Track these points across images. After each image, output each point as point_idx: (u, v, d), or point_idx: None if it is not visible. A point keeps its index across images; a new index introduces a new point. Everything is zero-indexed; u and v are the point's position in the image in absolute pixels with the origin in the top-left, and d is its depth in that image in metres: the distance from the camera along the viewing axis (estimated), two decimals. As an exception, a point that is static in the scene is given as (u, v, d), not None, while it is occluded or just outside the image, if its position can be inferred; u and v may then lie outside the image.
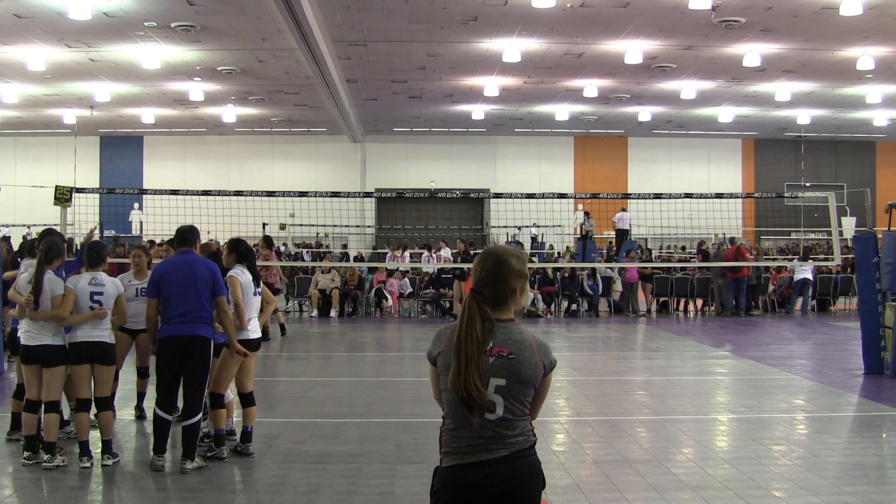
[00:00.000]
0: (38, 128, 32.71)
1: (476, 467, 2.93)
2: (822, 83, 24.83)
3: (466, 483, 2.94)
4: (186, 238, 6.63)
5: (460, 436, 2.96)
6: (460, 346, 2.90)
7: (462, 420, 2.95)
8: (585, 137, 36.32)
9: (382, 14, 17.84)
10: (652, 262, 20.94)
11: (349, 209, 28.34)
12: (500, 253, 3.07)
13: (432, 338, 3.10)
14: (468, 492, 2.95)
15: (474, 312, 2.95)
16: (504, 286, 3.02)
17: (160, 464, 6.27)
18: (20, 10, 16.83)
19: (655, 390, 10.10)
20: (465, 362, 2.88)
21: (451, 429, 3.00)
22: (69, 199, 13.98)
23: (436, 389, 3.12)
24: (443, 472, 3.01)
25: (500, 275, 3.02)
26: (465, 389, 2.87)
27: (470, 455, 2.94)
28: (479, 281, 3.03)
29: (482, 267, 3.05)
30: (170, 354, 6.32)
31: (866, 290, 11.23)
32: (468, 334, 2.91)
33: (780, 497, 5.74)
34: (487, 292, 3.00)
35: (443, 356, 3.00)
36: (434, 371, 3.08)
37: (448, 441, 3.00)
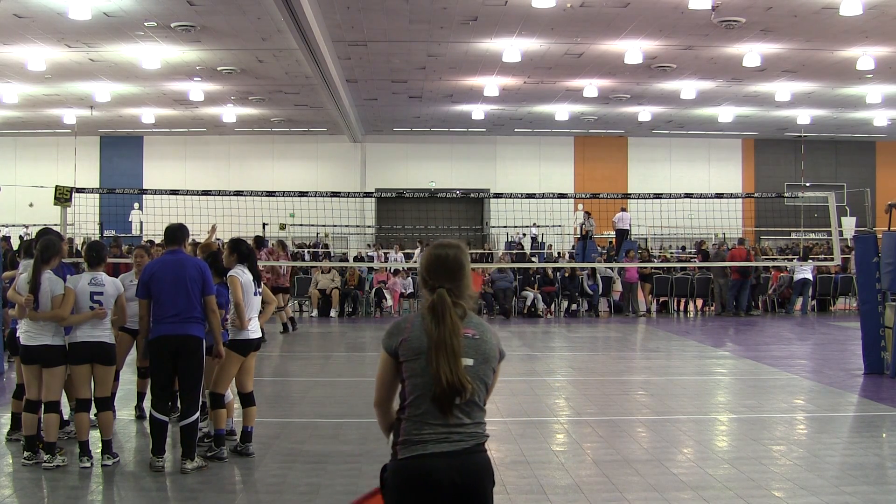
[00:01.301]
0: (38, 128, 32.69)
1: (440, 458, 2.95)
2: (822, 83, 24.83)
3: (430, 474, 2.94)
4: (176, 237, 6.59)
5: (425, 423, 2.97)
6: (439, 336, 2.95)
7: (430, 408, 2.96)
8: (585, 137, 36.31)
9: (382, 14, 17.84)
10: (651, 262, 20.94)
11: (349, 209, 28.34)
12: (454, 245, 3.18)
13: (388, 329, 3.11)
14: (430, 484, 2.94)
15: (448, 304, 3.01)
16: (464, 277, 3.12)
17: (160, 465, 6.26)
18: (20, 10, 16.82)
19: (655, 390, 10.10)
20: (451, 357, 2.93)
21: (415, 417, 2.99)
22: (69, 199, 13.98)
23: (386, 378, 3.10)
24: (402, 463, 2.97)
25: (458, 266, 3.12)
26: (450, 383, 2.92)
27: (433, 445, 2.95)
28: (441, 275, 3.09)
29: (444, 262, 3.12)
30: (163, 355, 6.30)
31: (866, 290, 11.23)
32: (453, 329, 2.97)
33: (780, 497, 5.74)
34: (451, 286, 3.08)
35: (408, 343, 3.01)
36: (388, 361, 3.07)
37: (409, 430, 2.98)
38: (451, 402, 2.97)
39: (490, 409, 9.74)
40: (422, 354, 2.98)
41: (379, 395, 3.14)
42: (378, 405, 3.15)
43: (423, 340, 3.00)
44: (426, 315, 3.02)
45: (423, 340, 3.00)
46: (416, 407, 2.99)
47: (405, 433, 2.99)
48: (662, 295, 20.09)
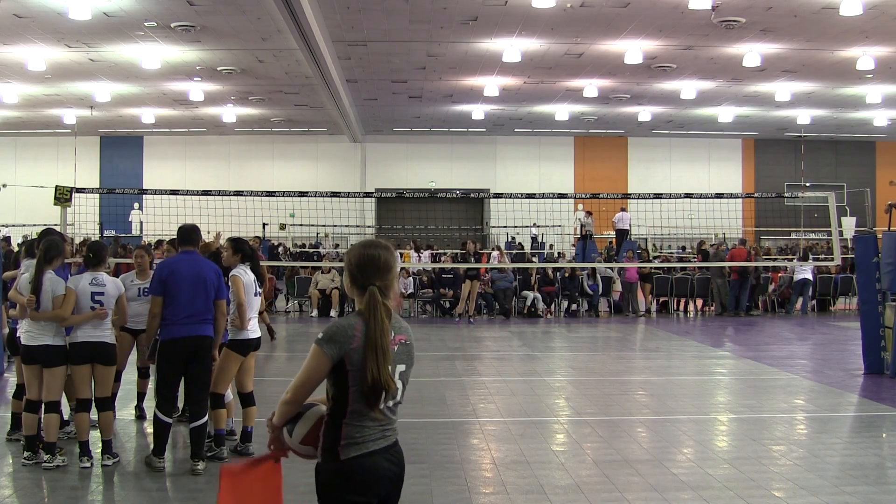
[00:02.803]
0: (38, 128, 32.70)
1: (381, 454, 3.10)
2: (822, 83, 24.83)
3: (374, 471, 3.08)
4: (191, 238, 6.58)
5: (366, 425, 3.07)
6: (377, 340, 3.01)
7: (367, 410, 3.05)
8: (585, 137, 36.32)
9: (382, 14, 17.84)
10: (651, 262, 20.95)
11: (349, 209, 28.31)
12: (383, 246, 3.21)
13: (330, 333, 3.06)
14: (375, 479, 3.08)
15: (380, 301, 3.08)
16: (391, 277, 3.17)
17: (161, 466, 6.25)
18: (20, 10, 16.83)
19: (655, 390, 10.10)
20: (383, 355, 3.01)
21: (357, 419, 3.06)
22: (69, 199, 13.98)
23: (316, 380, 3.09)
24: (347, 463, 3.04)
25: (388, 267, 3.17)
26: (383, 380, 3.00)
27: (372, 443, 3.08)
28: (371, 275, 3.12)
29: (375, 261, 3.15)
30: (177, 356, 6.27)
31: (866, 290, 11.23)
32: (382, 328, 3.04)
33: (780, 497, 5.74)
34: (381, 285, 3.12)
35: (357, 352, 3.03)
36: (326, 365, 3.04)
37: (351, 432, 3.05)
38: (379, 400, 3.04)
39: (490, 409, 9.76)
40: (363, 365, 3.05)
41: (300, 395, 3.12)
42: (293, 404, 3.14)
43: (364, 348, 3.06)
44: (368, 317, 3.05)
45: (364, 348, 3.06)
46: (363, 411, 3.06)
47: (346, 436, 3.05)
48: (662, 295, 20.08)
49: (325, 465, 3.07)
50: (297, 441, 3.15)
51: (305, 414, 3.15)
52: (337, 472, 3.05)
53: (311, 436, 3.13)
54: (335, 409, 3.08)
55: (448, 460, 6.69)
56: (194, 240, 6.61)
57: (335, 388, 3.07)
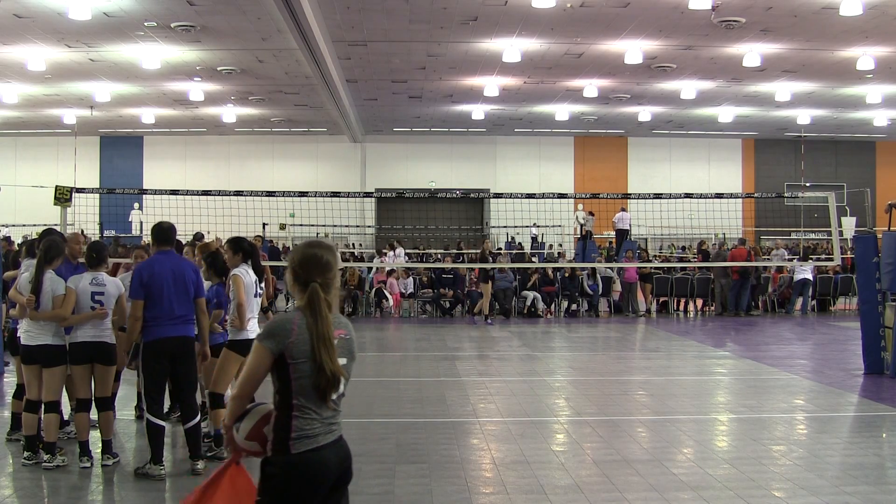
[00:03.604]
0: (38, 128, 32.70)
1: (328, 448, 3.18)
2: (822, 83, 24.83)
3: (324, 464, 3.17)
4: (169, 237, 6.50)
5: (314, 419, 3.15)
6: (322, 332, 3.15)
7: (315, 404, 3.15)
8: (585, 137, 36.32)
9: (382, 14, 17.84)
10: (651, 262, 20.94)
11: (349, 209, 28.33)
12: (325, 246, 3.36)
13: (269, 329, 3.18)
14: (324, 473, 3.17)
15: (322, 297, 3.21)
16: (331, 275, 3.31)
17: (162, 473, 6.14)
18: (20, 10, 16.83)
19: (655, 390, 10.10)
20: (330, 348, 3.14)
21: (305, 414, 3.14)
22: (69, 199, 13.96)
23: (260, 376, 3.18)
24: (297, 457, 3.12)
25: (328, 265, 3.30)
26: (332, 373, 3.12)
27: (321, 438, 3.16)
28: (313, 271, 3.26)
29: (317, 260, 3.28)
30: (163, 357, 6.20)
31: (866, 290, 11.23)
32: (325, 321, 3.17)
33: (780, 497, 5.74)
34: (321, 282, 3.26)
35: (297, 347, 3.14)
36: (268, 360, 3.14)
37: (300, 426, 3.13)
38: (331, 394, 3.16)
39: (490, 409, 9.76)
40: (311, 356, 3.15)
41: (246, 390, 3.22)
42: (241, 399, 3.24)
43: (309, 342, 3.14)
44: (305, 311, 3.19)
45: (309, 342, 3.14)
46: (307, 405, 3.15)
47: (296, 429, 3.13)
48: (662, 295, 20.08)
49: (275, 459, 3.15)
50: (242, 437, 3.22)
51: (252, 410, 3.23)
52: (287, 465, 3.13)
53: (256, 432, 3.20)
54: (282, 403, 3.17)
55: (448, 460, 6.69)
56: (171, 239, 6.54)
57: (279, 383, 3.18)
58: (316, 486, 3.15)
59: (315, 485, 3.15)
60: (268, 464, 3.17)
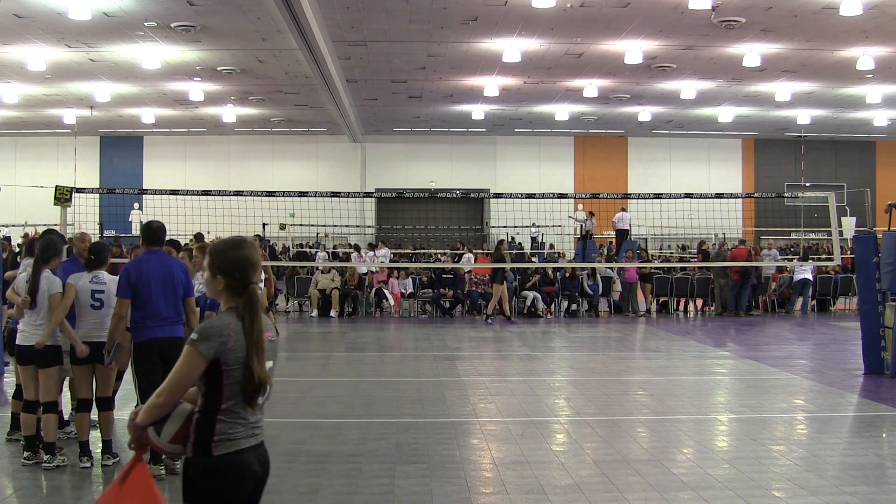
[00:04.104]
0: (38, 128, 32.70)
1: (250, 452, 3.15)
2: (822, 83, 24.84)
3: (245, 467, 3.14)
4: (159, 237, 6.45)
5: (238, 423, 3.12)
6: (257, 336, 3.12)
7: (243, 408, 3.12)
8: (585, 137, 36.32)
9: (382, 14, 17.84)
10: (651, 262, 20.94)
11: (349, 209, 28.34)
12: (250, 244, 3.29)
13: (206, 333, 3.09)
14: (245, 476, 3.15)
15: (258, 303, 3.18)
16: (259, 273, 3.29)
17: (162, 474, 6.13)
18: (20, 10, 16.83)
19: (655, 390, 10.10)
20: (261, 354, 3.13)
21: (231, 417, 3.11)
22: (69, 199, 13.97)
23: (191, 380, 3.10)
24: (218, 459, 3.08)
25: (258, 264, 3.27)
26: (260, 379, 3.10)
27: (242, 441, 3.13)
28: (249, 274, 3.20)
29: (252, 261, 3.22)
30: (153, 357, 6.13)
31: (866, 290, 11.23)
32: (261, 327, 3.15)
33: (780, 497, 5.74)
34: (255, 282, 3.22)
35: (233, 353, 3.09)
36: (201, 365, 3.06)
37: (224, 429, 3.10)
38: (258, 396, 3.15)
39: (490, 408, 9.75)
40: (244, 361, 3.11)
41: (176, 397, 3.12)
42: (166, 404, 3.13)
43: (244, 347, 3.12)
44: (244, 315, 3.12)
45: (244, 347, 3.12)
46: (235, 409, 3.12)
47: (219, 433, 3.10)
48: (662, 295, 20.08)
49: (196, 460, 3.11)
50: (166, 440, 3.16)
51: (174, 412, 3.15)
52: (208, 467, 3.09)
53: (181, 434, 3.15)
54: (207, 406, 3.11)
55: (448, 460, 6.69)
56: (161, 238, 6.49)
57: (207, 387, 3.11)
58: (237, 487, 3.13)
59: (237, 486, 3.13)
60: (189, 465, 3.12)
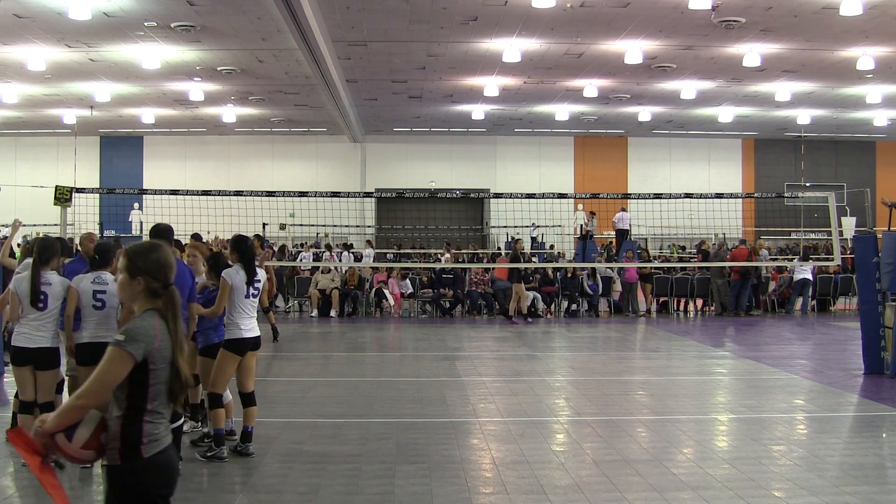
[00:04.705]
0: (38, 128, 32.69)
1: (171, 449, 3.23)
2: (822, 83, 24.83)
3: (172, 465, 3.23)
4: (167, 237, 6.56)
5: (161, 422, 3.17)
6: (179, 336, 3.20)
7: (165, 407, 3.17)
8: (585, 137, 36.31)
9: (382, 14, 17.84)
10: (651, 262, 20.94)
11: (349, 209, 28.29)
12: (168, 248, 3.37)
13: (133, 334, 3.08)
14: (174, 473, 3.22)
15: (178, 303, 3.23)
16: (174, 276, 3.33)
17: None
18: (20, 10, 16.82)
19: (655, 390, 10.10)
20: (184, 352, 3.20)
21: (155, 417, 3.13)
22: (69, 199, 13.95)
23: (118, 381, 3.05)
24: (150, 461, 3.09)
25: (174, 265, 3.33)
26: (186, 377, 3.17)
27: (164, 440, 3.18)
28: (168, 275, 3.24)
29: (168, 263, 3.27)
30: None
31: (866, 290, 11.23)
32: (180, 325, 3.22)
33: (780, 497, 5.74)
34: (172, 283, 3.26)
35: (159, 352, 3.12)
36: (129, 366, 3.03)
37: (152, 430, 3.12)
38: (183, 395, 3.22)
39: (490, 409, 9.76)
40: (170, 360, 3.15)
41: (100, 398, 3.07)
42: (88, 406, 3.08)
43: (170, 347, 3.16)
44: (166, 315, 3.17)
45: (170, 347, 3.16)
46: (159, 409, 3.14)
47: (148, 434, 3.10)
48: (662, 295, 20.08)
49: (127, 467, 3.08)
50: (78, 446, 3.10)
51: (84, 418, 3.10)
52: (142, 470, 3.09)
53: (94, 440, 3.11)
54: (132, 409, 3.09)
55: (448, 460, 6.69)
56: (169, 239, 6.62)
57: (132, 388, 3.08)
58: (169, 486, 3.18)
59: (168, 486, 3.18)
60: (120, 472, 3.08)
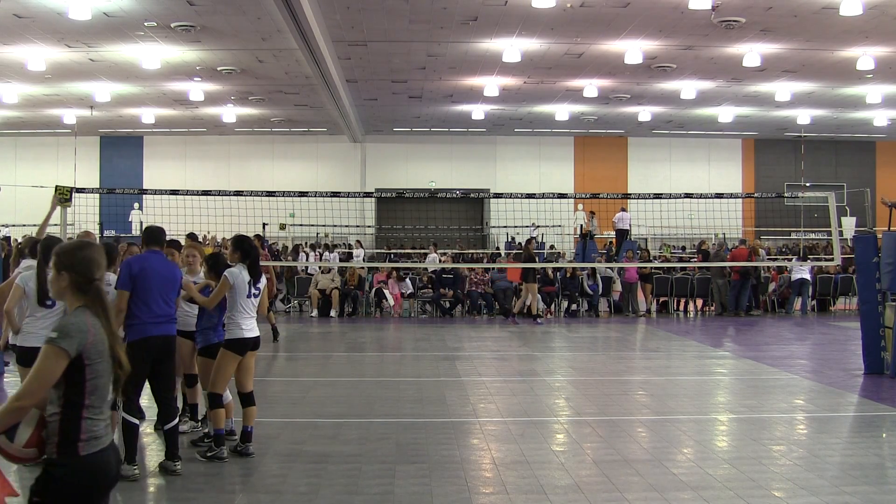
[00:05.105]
0: (38, 128, 32.69)
1: (110, 450, 3.20)
2: (822, 83, 24.82)
3: (109, 466, 3.18)
4: (158, 238, 6.61)
5: (100, 420, 3.16)
6: (115, 331, 3.22)
7: (102, 401, 3.17)
8: (585, 137, 36.31)
9: (382, 14, 17.84)
10: (651, 262, 20.95)
11: (349, 209, 28.32)
12: (94, 245, 3.40)
13: (66, 330, 3.09)
14: (110, 475, 3.18)
15: (105, 298, 3.27)
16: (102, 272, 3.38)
17: (136, 473, 6.07)
18: (20, 10, 16.82)
19: (655, 390, 10.10)
20: (119, 341, 3.24)
21: (95, 415, 3.13)
22: (69, 199, 13.95)
23: (53, 378, 3.05)
24: (87, 459, 3.08)
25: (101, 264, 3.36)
26: (125, 363, 3.21)
27: (104, 439, 3.17)
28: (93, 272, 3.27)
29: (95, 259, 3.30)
30: (148, 356, 6.19)
31: (866, 290, 11.23)
32: (112, 317, 3.24)
33: (780, 497, 5.74)
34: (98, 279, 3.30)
35: (94, 347, 3.12)
36: (64, 362, 3.04)
37: (90, 426, 3.11)
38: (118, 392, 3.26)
39: (490, 409, 9.76)
40: (105, 355, 3.15)
41: (38, 397, 3.06)
42: (28, 407, 3.07)
43: (105, 341, 3.16)
44: (96, 310, 3.19)
45: (105, 341, 3.16)
46: (97, 405, 3.14)
47: (86, 431, 3.09)
48: (662, 295, 20.08)
49: (63, 461, 3.07)
50: (20, 445, 3.09)
51: (24, 417, 3.10)
52: (78, 468, 3.07)
53: (35, 438, 3.10)
54: (69, 405, 3.10)
55: (448, 460, 6.69)
56: (161, 240, 6.65)
57: (67, 385, 3.09)
58: (103, 488, 3.13)
59: (102, 487, 3.13)
60: (54, 466, 3.08)
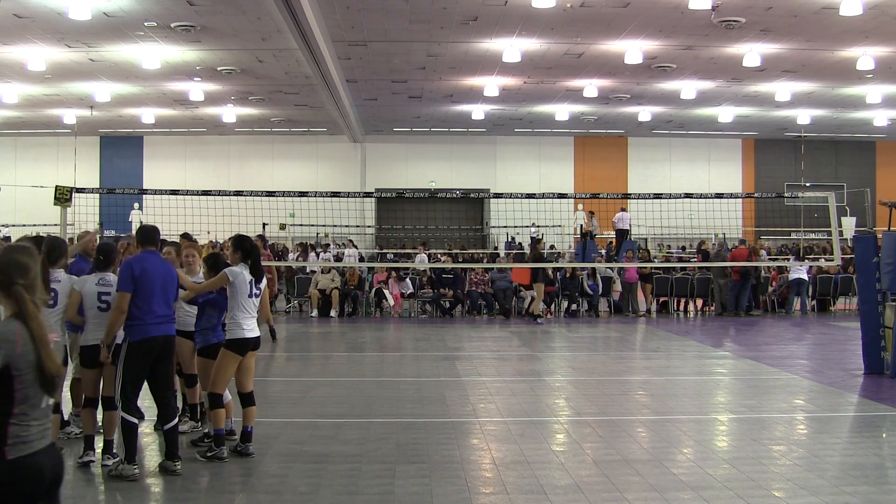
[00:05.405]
0: (38, 128, 32.69)
1: (44, 453, 3.16)
2: (822, 83, 24.83)
3: (39, 470, 3.14)
4: (154, 238, 6.59)
5: (31, 424, 3.12)
6: (44, 337, 3.14)
7: (33, 408, 3.12)
8: (585, 137, 36.31)
9: (382, 14, 17.84)
10: (651, 262, 20.95)
11: (349, 209, 28.30)
12: (22, 249, 3.35)
13: None
14: (40, 479, 3.15)
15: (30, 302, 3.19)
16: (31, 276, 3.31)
17: (136, 473, 6.09)
18: (20, 10, 16.83)
19: (655, 390, 10.10)
20: (49, 349, 3.15)
21: (22, 420, 3.09)
22: (69, 199, 13.95)
23: None
24: (14, 462, 3.07)
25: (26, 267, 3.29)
26: (54, 375, 3.13)
27: (35, 444, 3.12)
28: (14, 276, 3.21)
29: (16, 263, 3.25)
30: (149, 356, 6.21)
31: (866, 290, 11.23)
32: (42, 325, 3.17)
33: (780, 497, 5.74)
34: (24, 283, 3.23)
35: (23, 357, 3.08)
36: None
37: (18, 431, 3.09)
38: (56, 389, 3.18)
39: (490, 409, 9.77)
40: (35, 364, 3.10)
41: None
42: None
43: (33, 350, 3.11)
44: (24, 317, 3.14)
45: (33, 350, 3.11)
46: (27, 412, 3.11)
47: (13, 436, 3.08)
48: (662, 295, 20.08)
49: None
50: None
51: None
52: (5, 471, 3.07)
53: None
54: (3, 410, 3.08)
55: (448, 460, 6.69)
56: (156, 240, 6.64)
57: None
58: (32, 491, 3.12)
59: (31, 490, 3.12)
60: None
